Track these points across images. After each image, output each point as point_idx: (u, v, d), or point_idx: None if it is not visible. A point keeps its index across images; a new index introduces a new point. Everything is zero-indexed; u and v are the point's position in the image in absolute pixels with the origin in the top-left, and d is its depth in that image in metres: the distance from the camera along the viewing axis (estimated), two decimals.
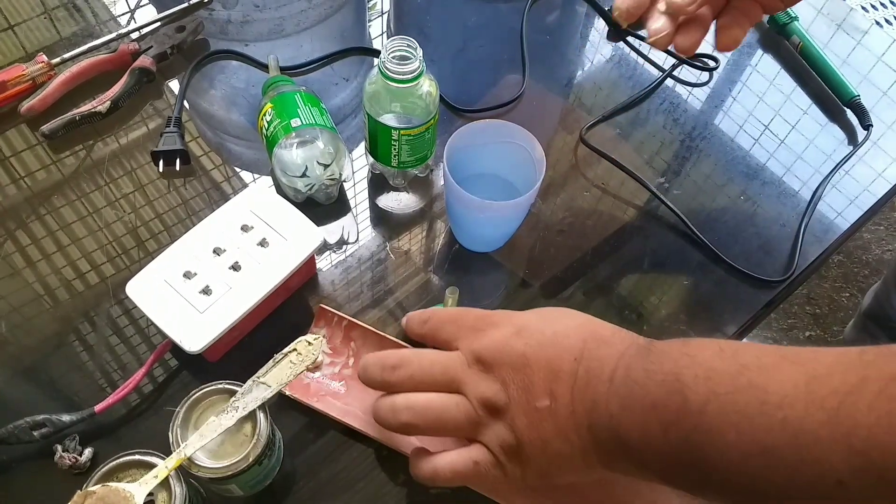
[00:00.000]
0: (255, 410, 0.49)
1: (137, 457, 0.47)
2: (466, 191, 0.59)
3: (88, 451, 0.55)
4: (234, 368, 0.53)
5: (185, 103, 0.76)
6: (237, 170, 0.73)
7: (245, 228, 0.60)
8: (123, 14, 0.84)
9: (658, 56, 0.84)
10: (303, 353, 0.51)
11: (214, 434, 0.48)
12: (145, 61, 0.75)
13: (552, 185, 0.73)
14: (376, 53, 0.82)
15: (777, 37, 0.86)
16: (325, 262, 0.67)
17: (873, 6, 1.73)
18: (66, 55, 0.76)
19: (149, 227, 0.68)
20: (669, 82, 0.83)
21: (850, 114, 0.80)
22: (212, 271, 0.58)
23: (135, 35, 0.80)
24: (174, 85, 0.78)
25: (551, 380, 0.42)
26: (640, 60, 0.85)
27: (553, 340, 0.44)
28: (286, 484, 0.56)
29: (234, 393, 0.49)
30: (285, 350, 0.51)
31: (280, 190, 0.68)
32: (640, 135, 0.78)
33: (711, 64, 0.83)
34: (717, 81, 0.83)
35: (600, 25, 0.87)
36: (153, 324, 0.56)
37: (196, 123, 0.76)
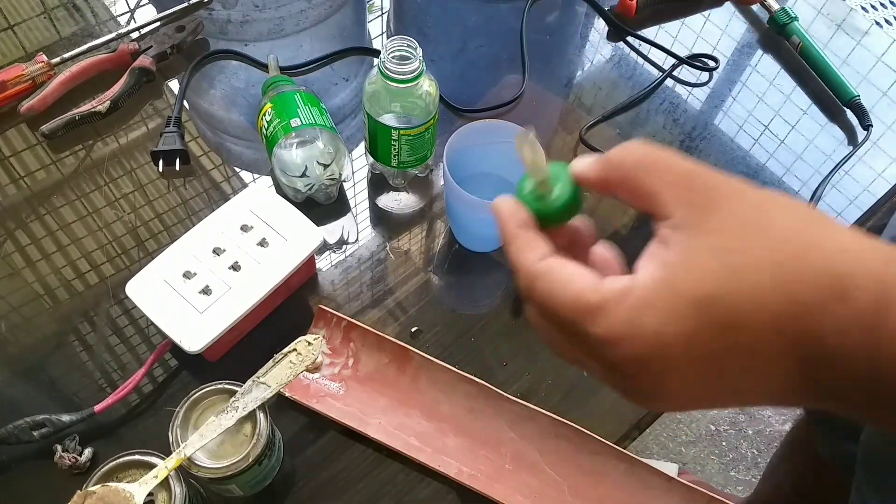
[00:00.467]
0: (254, 410, 0.49)
1: (137, 457, 0.47)
2: (466, 191, 0.59)
3: (88, 451, 0.55)
4: (234, 368, 0.53)
5: (185, 103, 0.76)
6: (237, 170, 0.73)
7: (245, 228, 0.60)
8: (123, 14, 0.84)
9: (658, 56, 0.84)
10: (303, 353, 0.51)
11: (214, 434, 0.48)
12: (145, 61, 0.75)
13: None
14: (376, 53, 0.82)
15: (777, 37, 0.86)
16: (324, 262, 0.67)
17: (873, 6, 1.74)
18: (66, 55, 0.76)
19: (148, 226, 0.68)
20: (669, 82, 0.83)
21: (849, 114, 0.80)
22: (212, 271, 0.58)
23: (134, 35, 0.80)
24: (174, 85, 0.78)
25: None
26: (640, 60, 0.85)
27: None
28: (286, 484, 0.56)
29: (233, 393, 0.49)
30: (285, 350, 0.51)
31: (280, 190, 0.68)
32: (640, 135, 0.78)
33: (711, 64, 0.83)
34: (717, 81, 0.83)
35: (600, 25, 0.87)
36: (153, 324, 0.56)
37: (196, 123, 0.76)
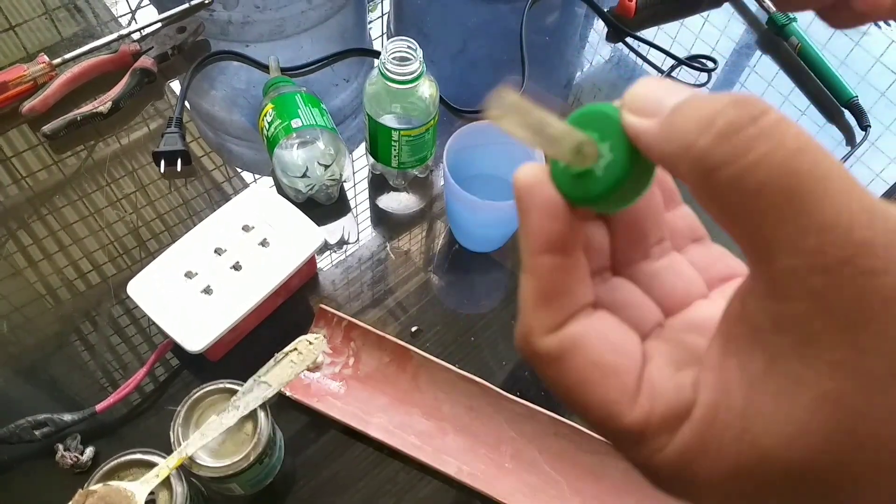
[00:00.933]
0: (255, 410, 0.49)
1: (139, 456, 0.47)
2: (466, 191, 0.59)
3: (90, 451, 0.55)
4: (235, 368, 0.53)
5: (186, 104, 0.76)
6: (238, 170, 0.73)
7: (246, 228, 0.60)
8: (124, 15, 0.84)
9: (657, 57, 0.84)
10: (304, 352, 0.51)
11: (215, 433, 0.48)
12: (146, 62, 0.75)
13: None
14: (376, 54, 0.82)
15: (776, 38, 0.86)
16: (325, 262, 0.67)
17: None
18: (68, 56, 0.76)
19: (150, 227, 0.68)
20: None
21: (848, 115, 0.80)
22: (213, 271, 0.58)
23: (136, 36, 0.80)
24: (175, 85, 0.78)
25: None
26: (639, 61, 0.85)
27: None
28: (287, 483, 0.56)
29: (234, 392, 0.50)
30: (286, 349, 0.51)
31: (281, 190, 0.69)
32: None
33: (710, 65, 0.84)
34: (716, 82, 0.83)
35: (599, 26, 0.88)
36: (154, 323, 0.56)
37: (197, 124, 0.76)
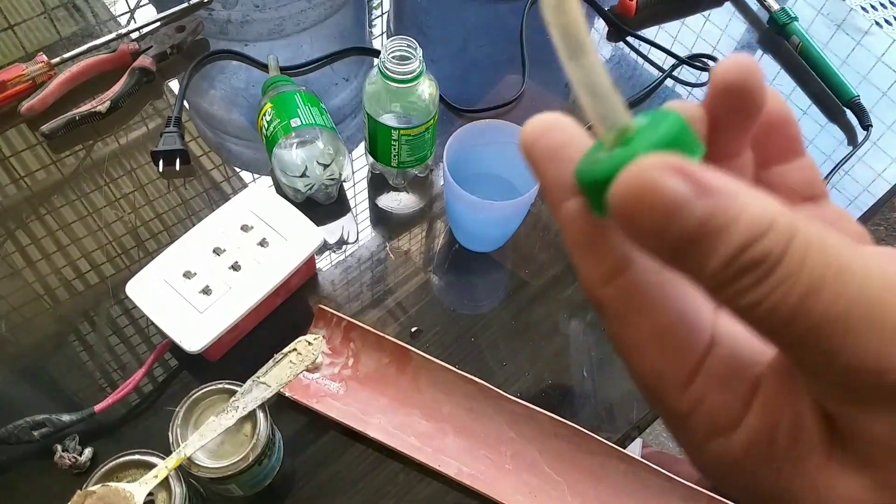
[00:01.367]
0: (254, 410, 0.49)
1: (137, 456, 0.47)
2: (466, 191, 0.59)
3: (88, 451, 0.55)
4: (234, 368, 0.53)
5: (185, 103, 0.76)
6: (237, 170, 0.73)
7: (245, 228, 0.60)
8: (123, 14, 0.84)
9: (658, 56, 0.84)
10: (303, 352, 0.51)
11: (214, 434, 0.48)
12: (145, 61, 0.75)
13: None
14: (376, 53, 0.82)
15: (777, 37, 0.86)
16: (324, 262, 0.67)
17: (873, 6, 1.73)
18: (66, 55, 0.76)
19: (149, 226, 0.68)
20: (669, 82, 0.83)
21: (849, 114, 0.80)
22: (212, 271, 0.58)
23: (135, 35, 0.80)
24: (174, 85, 0.78)
25: None
26: (640, 60, 0.85)
27: None
28: (286, 484, 0.56)
29: (233, 393, 0.49)
30: (285, 350, 0.51)
31: (280, 190, 0.68)
32: None
33: (711, 64, 0.83)
34: None
35: (600, 25, 0.87)
36: (153, 324, 0.56)
37: (196, 123, 0.76)
